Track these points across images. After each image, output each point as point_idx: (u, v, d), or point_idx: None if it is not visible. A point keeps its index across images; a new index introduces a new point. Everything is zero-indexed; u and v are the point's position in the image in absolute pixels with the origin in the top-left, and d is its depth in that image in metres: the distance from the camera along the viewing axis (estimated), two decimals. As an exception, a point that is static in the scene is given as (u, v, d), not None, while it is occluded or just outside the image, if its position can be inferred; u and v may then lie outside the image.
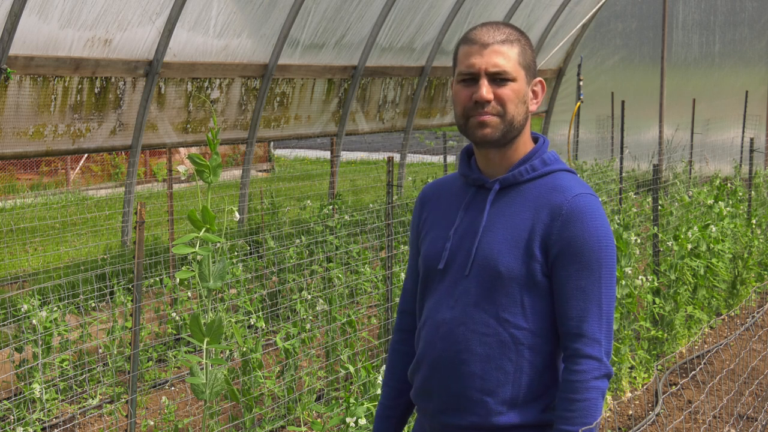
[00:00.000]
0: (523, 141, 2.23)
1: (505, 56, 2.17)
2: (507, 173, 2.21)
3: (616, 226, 7.52)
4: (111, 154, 15.85)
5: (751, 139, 9.89)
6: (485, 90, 2.15)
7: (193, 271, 2.43)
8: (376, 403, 4.18)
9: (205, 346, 2.40)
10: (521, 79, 2.18)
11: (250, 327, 6.49)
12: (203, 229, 2.38)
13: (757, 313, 7.77)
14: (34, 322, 5.45)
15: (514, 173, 2.20)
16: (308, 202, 9.38)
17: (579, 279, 2.12)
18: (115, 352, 5.97)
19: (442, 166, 13.86)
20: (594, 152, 15.08)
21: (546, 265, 2.14)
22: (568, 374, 2.12)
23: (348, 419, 3.92)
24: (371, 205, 10.10)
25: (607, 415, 5.51)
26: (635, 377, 6.07)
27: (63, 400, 5.69)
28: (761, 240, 8.65)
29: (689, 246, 6.75)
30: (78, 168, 16.02)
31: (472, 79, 2.18)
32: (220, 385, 2.42)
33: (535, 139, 2.30)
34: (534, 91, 2.23)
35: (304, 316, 5.95)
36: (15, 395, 5.58)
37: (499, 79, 2.16)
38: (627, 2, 15.39)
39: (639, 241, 7.79)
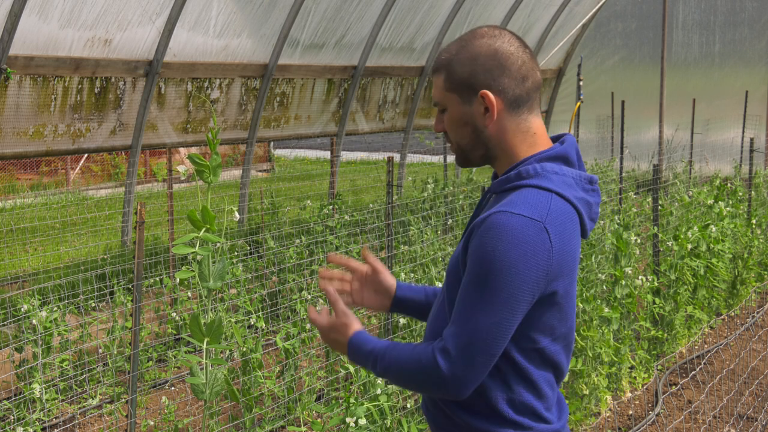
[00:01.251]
0: (512, 151, 2.13)
1: (436, 87, 2.17)
2: (494, 181, 2.20)
3: (616, 226, 7.52)
4: (111, 154, 15.85)
5: (751, 139, 9.89)
6: (436, 123, 2.21)
7: (193, 271, 2.43)
8: (376, 403, 4.19)
9: (205, 346, 2.40)
10: (453, 103, 2.13)
11: (250, 327, 6.49)
12: (203, 229, 2.38)
13: (757, 313, 7.77)
14: (34, 322, 5.45)
15: (496, 182, 2.16)
16: (308, 202, 9.38)
17: (463, 289, 2.01)
18: (115, 352, 5.97)
19: (442, 166, 13.86)
20: (594, 152, 15.08)
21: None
22: (421, 350, 2.05)
23: (348, 419, 3.92)
24: (371, 205, 10.10)
25: (607, 415, 5.51)
26: (635, 377, 6.07)
27: (63, 400, 5.69)
28: (761, 240, 8.65)
29: (689, 246, 6.75)
30: (78, 168, 16.02)
31: None
32: (220, 385, 2.42)
33: (557, 139, 2.20)
34: (485, 107, 2.09)
35: (304, 316, 5.94)
36: (15, 395, 5.58)
37: (440, 110, 2.19)
38: (627, 2, 15.39)
39: (639, 241, 7.80)
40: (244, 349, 5.02)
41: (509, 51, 2.09)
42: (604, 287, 6.29)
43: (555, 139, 2.21)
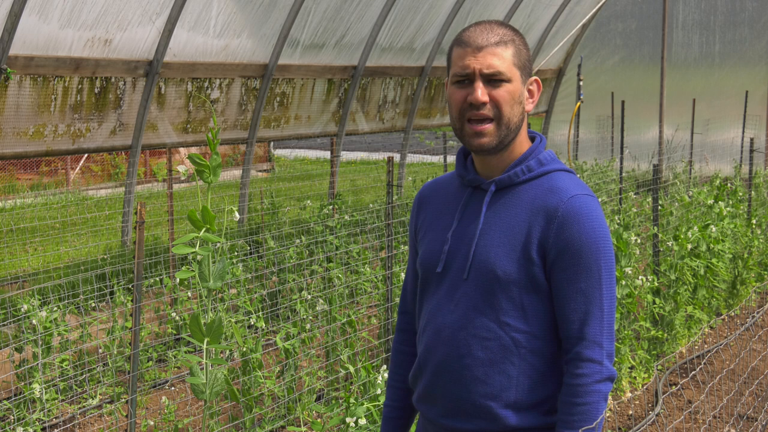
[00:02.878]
0: (519, 141, 2.21)
1: (500, 57, 2.14)
2: (503, 174, 2.19)
3: (616, 226, 7.52)
4: (111, 154, 15.85)
5: (751, 139, 9.89)
6: (480, 92, 2.13)
7: (193, 271, 2.43)
8: (376, 403, 4.18)
9: (205, 346, 2.40)
10: (516, 79, 2.16)
11: (250, 327, 6.49)
12: (203, 229, 2.38)
13: (757, 313, 7.77)
14: (34, 322, 5.45)
15: (509, 174, 2.18)
16: (308, 202, 9.38)
17: (578, 281, 2.10)
18: (115, 352, 5.97)
19: (442, 166, 13.86)
20: (594, 152, 15.08)
21: (544, 268, 2.12)
22: (570, 378, 2.10)
23: (348, 419, 3.92)
24: (371, 205, 10.10)
25: (608, 415, 5.51)
26: (635, 377, 6.07)
27: (63, 400, 5.69)
28: (761, 240, 8.65)
29: (689, 246, 6.75)
30: (78, 168, 16.02)
31: (466, 80, 2.16)
32: (220, 385, 2.42)
33: (532, 138, 2.27)
34: (530, 90, 2.21)
35: (304, 316, 5.95)
36: (15, 395, 5.58)
37: (494, 80, 2.14)
38: (627, 2, 15.39)
39: (639, 241, 7.79)
40: (244, 349, 5.02)
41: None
42: (604, 287, 6.27)
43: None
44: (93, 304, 6.79)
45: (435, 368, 2.21)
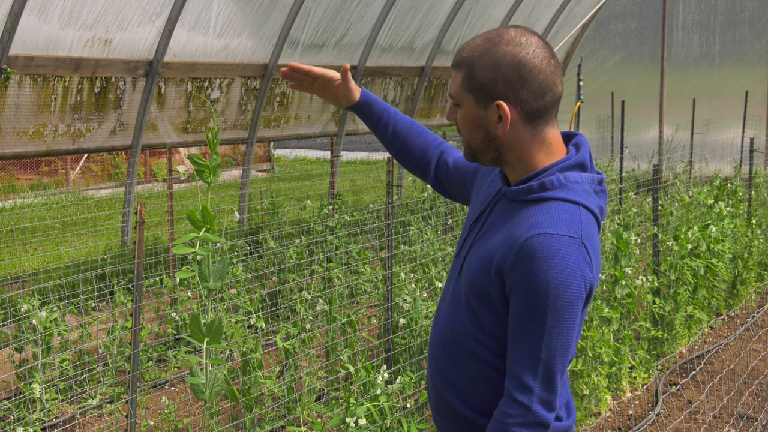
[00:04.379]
0: (528, 158, 2.11)
1: (454, 80, 2.13)
2: (513, 186, 2.13)
3: (616, 225, 7.52)
4: (111, 154, 15.85)
5: (751, 139, 9.89)
6: (448, 112, 2.17)
7: (193, 271, 2.43)
8: (376, 403, 4.19)
9: (205, 346, 2.40)
10: (468, 103, 2.09)
11: (250, 327, 6.49)
12: (203, 229, 2.38)
13: (757, 313, 7.77)
14: (34, 322, 5.45)
15: (514, 189, 2.11)
16: (308, 202, 9.38)
17: (521, 321, 2.00)
18: (115, 352, 5.97)
19: (442, 166, 13.82)
20: (594, 152, 15.08)
21: (502, 291, 2.05)
22: (496, 412, 2.05)
23: (348, 419, 3.92)
24: (371, 205, 10.10)
25: (608, 415, 5.51)
26: (635, 377, 6.07)
27: (63, 400, 5.69)
28: (761, 240, 8.65)
29: (689, 246, 6.75)
30: (78, 168, 16.02)
31: None
32: (220, 385, 2.42)
33: (575, 144, 2.16)
34: (500, 116, 2.06)
35: (304, 316, 5.95)
36: (15, 395, 5.58)
37: (453, 103, 2.15)
38: (627, 2, 15.39)
39: (639, 241, 7.80)
40: (244, 349, 5.02)
41: (533, 64, 2.04)
42: (604, 287, 6.29)
43: (564, 137, 2.19)
44: (93, 304, 6.79)
45: (429, 353, 2.29)
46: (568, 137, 2.19)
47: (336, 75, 2.51)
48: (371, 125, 2.57)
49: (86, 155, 15.62)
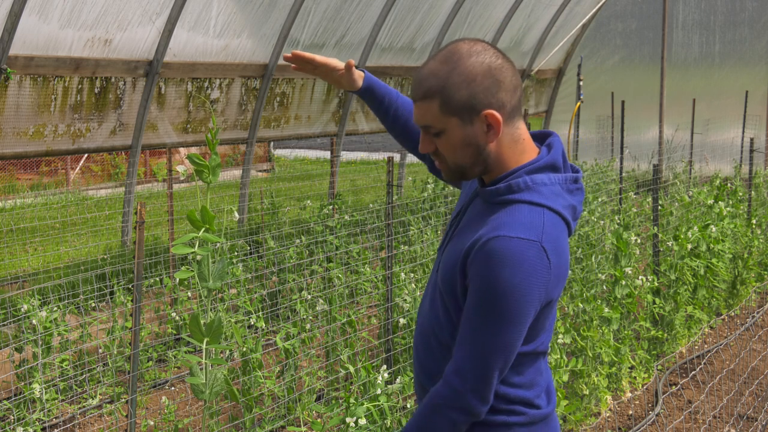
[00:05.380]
0: (505, 160, 2.15)
1: (426, 111, 2.12)
2: (487, 186, 2.19)
3: (616, 225, 7.52)
4: (111, 154, 15.85)
5: (751, 139, 9.89)
6: (422, 145, 2.16)
7: (192, 271, 2.43)
8: (376, 403, 4.18)
9: (205, 346, 2.40)
10: (452, 126, 2.10)
11: (250, 327, 6.49)
12: (203, 229, 2.38)
13: (757, 313, 7.77)
14: (34, 322, 5.45)
15: (485, 191, 2.17)
16: (308, 202, 9.38)
17: (469, 314, 2.06)
18: (115, 352, 5.97)
19: (442, 166, 13.81)
20: (594, 152, 15.07)
21: (463, 286, 2.12)
22: (431, 389, 2.13)
23: (348, 419, 3.92)
24: (371, 205, 10.10)
25: (608, 415, 5.51)
26: (635, 377, 6.07)
27: (63, 400, 5.69)
28: (761, 240, 8.65)
29: (689, 246, 6.75)
30: (78, 168, 16.02)
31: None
32: (220, 385, 2.42)
33: (549, 146, 2.20)
34: (488, 125, 2.10)
35: (304, 316, 5.95)
36: (15, 395, 5.58)
37: (430, 132, 2.14)
38: (627, 2, 15.39)
39: (639, 241, 7.79)
40: (244, 349, 5.02)
41: (499, 65, 2.10)
42: (604, 287, 6.29)
43: (539, 137, 2.24)
44: (93, 304, 6.79)
45: (413, 349, 2.34)
46: (543, 136, 2.24)
47: (339, 65, 2.56)
48: (373, 108, 2.65)
49: (86, 155, 15.62)
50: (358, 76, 2.57)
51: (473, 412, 2.07)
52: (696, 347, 6.86)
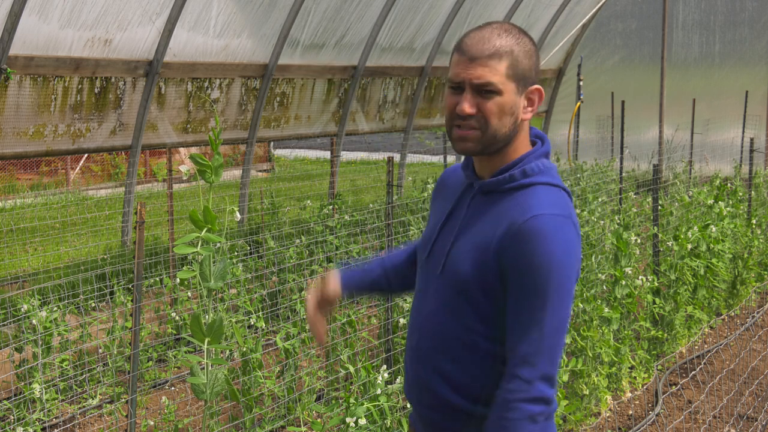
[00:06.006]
0: (514, 147, 2.20)
1: (492, 69, 2.12)
2: (490, 178, 2.20)
3: (616, 225, 7.52)
4: (111, 154, 15.85)
5: (751, 139, 9.89)
6: (467, 104, 2.14)
7: (193, 270, 2.43)
8: (376, 403, 4.19)
9: (205, 346, 2.40)
10: (510, 91, 2.14)
11: (250, 327, 6.49)
12: (205, 229, 2.38)
13: (757, 313, 7.77)
14: (34, 322, 5.45)
15: (494, 180, 2.19)
16: (308, 202, 9.38)
17: (523, 299, 2.07)
18: (115, 352, 5.97)
19: (442, 166, 13.86)
20: (594, 152, 15.08)
21: (500, 277, 2.11)
22: (498, 392, 2.10)
23: (348, 419, 3.92)
24: (371, 205, 10.10)
25: (608, 415, 5.51)
26: (635, 377, 6.07)
27: (63, 400, 5.69)
28: (761, 240, 8.65)
29: (689, 246, 6.75)
30: (78, 168, 16.02)
31: (459, 87, 2.16)
32: (221, 385, 2.42)
33: (535, 142, 2.26)
34: (530, 99, 2.18)
35: (304, 316, 5.94)
36: (15, 395, 5.58)
37: (484, 91, 2.13)
38: (627, 2, 15.39)
39: (639, 241, 7.79)
40: (244, 349, 5.02)
41: (535, 48, 2.21)
42: (604, 287, 6.29)
43: None
44: (93, 304, 6.79)
45: (410, 353, 2.30)
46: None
47: (334, 301, 2.63)
48: (369, 295, 2.71)
49: (86, 155, 15.62)
50: (335, 292, 2.60)
51: (547, 399, 2.06)
52: (696, 347, 6.87)
